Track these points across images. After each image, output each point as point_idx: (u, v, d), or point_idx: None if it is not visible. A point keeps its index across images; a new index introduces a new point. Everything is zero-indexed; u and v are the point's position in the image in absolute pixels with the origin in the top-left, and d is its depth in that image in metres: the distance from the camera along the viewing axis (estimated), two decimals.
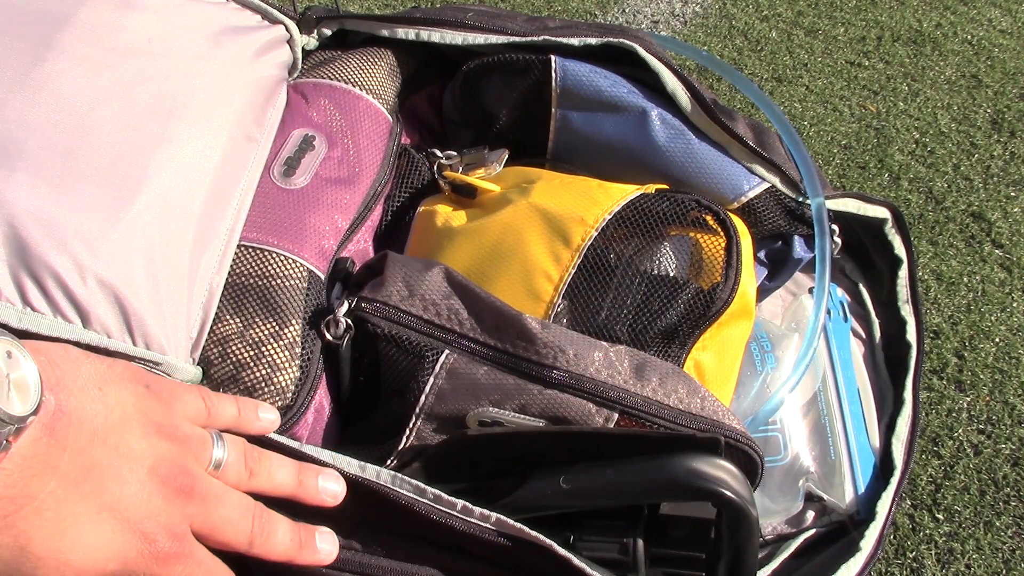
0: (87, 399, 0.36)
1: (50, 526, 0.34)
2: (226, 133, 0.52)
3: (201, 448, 0.40)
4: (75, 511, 0.34)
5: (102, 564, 0.35)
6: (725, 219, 0.56)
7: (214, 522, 0.39)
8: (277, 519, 0.42)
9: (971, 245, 1.00)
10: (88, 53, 0.50)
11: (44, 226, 0.43)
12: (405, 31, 0.63)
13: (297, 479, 0.44)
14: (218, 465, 0.41)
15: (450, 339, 0.49)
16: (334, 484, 0.45)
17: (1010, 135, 1.15)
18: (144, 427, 0.38)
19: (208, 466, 0.40)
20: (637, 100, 0.61)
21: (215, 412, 0.43)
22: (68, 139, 0.46)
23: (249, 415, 0.46)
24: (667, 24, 1.29)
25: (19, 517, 0.33)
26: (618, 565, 0.45)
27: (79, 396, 0.36)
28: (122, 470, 0.36)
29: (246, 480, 0.42)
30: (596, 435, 0.47)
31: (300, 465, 0.45)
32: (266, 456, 0.44)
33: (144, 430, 0.38)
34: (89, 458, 0.35)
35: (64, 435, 0.34)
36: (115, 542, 0.35)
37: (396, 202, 0.63)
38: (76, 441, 0.35)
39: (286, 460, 0.44)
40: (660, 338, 0.54)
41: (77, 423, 0.35)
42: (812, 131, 1.13)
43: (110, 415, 0.36)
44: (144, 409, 0.38)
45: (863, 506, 0.61)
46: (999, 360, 0.89)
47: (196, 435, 0.40)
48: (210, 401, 0.43)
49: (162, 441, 0.38)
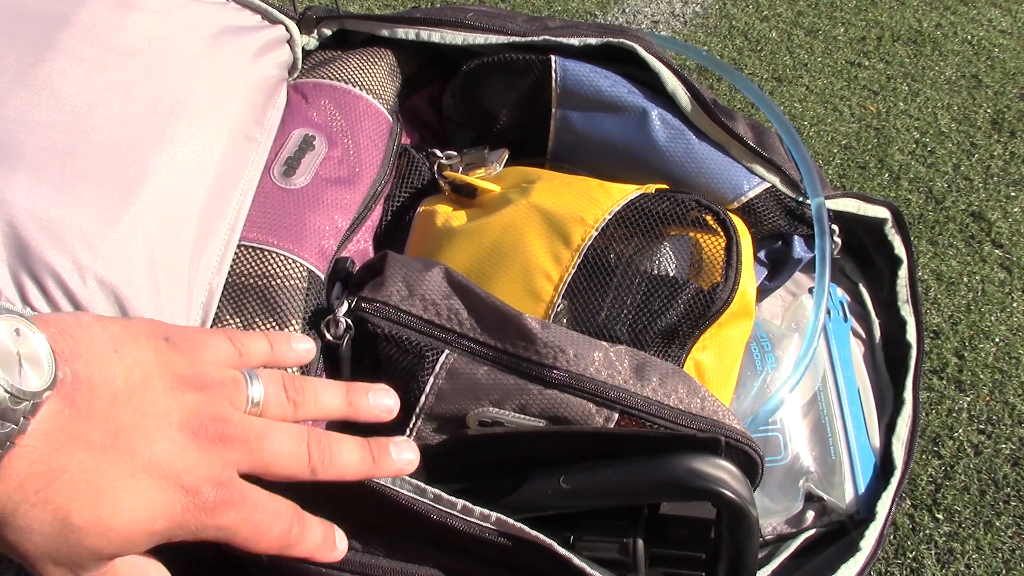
0: (104, 364, 0.35)
1: (85, 496, 0.33)
2: (226, 133, 0.52)
3: (235, 390, 0.39)
4: (108, 477, 0.34)
5: (148, 524, 0.35)
6: (725, 219, 0.56)
7: (264, 460, 0.38)
8: (339, 439, 0.40)
9: (971, 245, 1.00)
10: (88, 53, 0.50)
11: (44, 226, 0.43)
12: (405, 31, 0.63)
13: (346, 400, 0.42)
14: (257, 403, 0.39)
15: (450, 339, 0.49)
16: (386, 398, 0.44)
17: (1010, 135, 1.15)
18: (167, 382, 0.37)
19: (246, 406, 0.39)
20: (637, 100, 0.61)
21: (246, 352, 0.42)
22: (68, 139, 0.46)
23: (283, 348, 0.44)
24: (667, 24, 1.29)
25: (52, 491, 0.33)
26: (618, 565, 0.45)
27: (95, 362, 0.35)
28: (149, 429, 0.35)
29: (291, 412, 0.41)
30: (596, 435, 0.47)
31: (347, 385, 0.43)
32: (308, 383, 0.42)
33: (168, 385, 0.37)
34: (114, 423, 0.34)
35: (85, 404, 0.34)
36: (157, 501, 0.35)
37: (396, 202, 0.63)
38: (98, 408, 0.34)
39: (331, 383, 0.43)
40: (660, 338, 0.54)
41: (96, 389, 0.34)
42: (812, 131, 1.13)
43: (130, 376, 0.36)
44: (166, 363, 0.37)
45: (863, 506, 0.61)
46: (999, 360, 0.89)
47: (227, 378, 0.39)
48: (239, 342, 0.42)
49: (188, 393, 0.37)
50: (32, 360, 0.33)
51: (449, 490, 0.45)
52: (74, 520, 0.33)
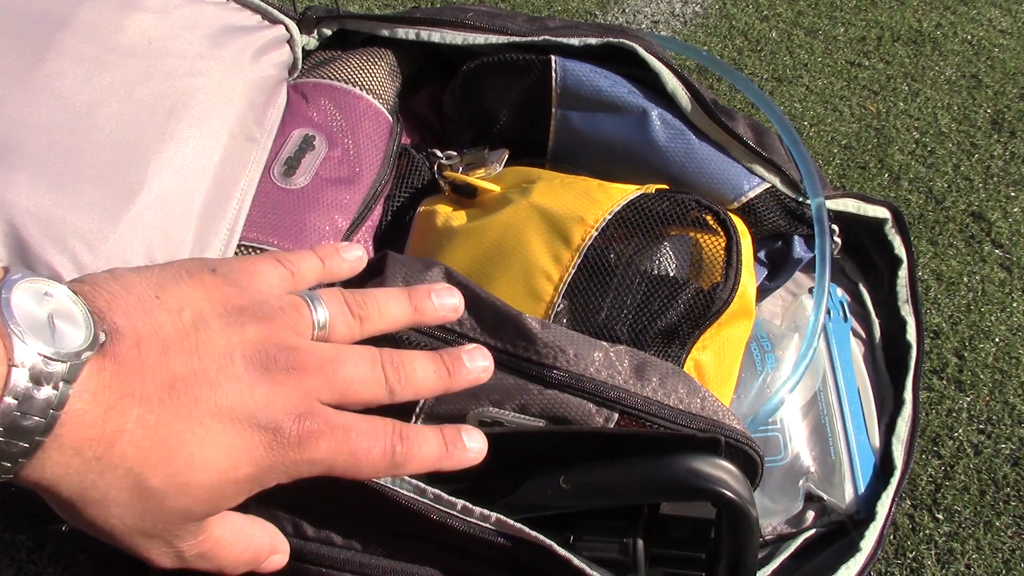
0: (146, 312, 0.32)
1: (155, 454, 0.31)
2: (226, 133, 0.53)
3: (297, 317, 0.36)
4: (174, 431, 0.31)
5: (231, 472, 0.32)
6: (725, 219, 0.56)
7: (342, 386, 0.35)
8: (411, 356, 0.38)
9: (971, 245, 1.00)
10: (88, 53, 0.50)
11: (44, 226, 0.43)
12: (405, 31, 0.63)
13: (411, 305, 0.40)
14: (323, 326, 0.37)
15: (450, 339, 0.49)
16: (450, 297, 0.42)
17: (1010, 135, 1.15)
18: (223, 318, 0.34)
19: (312, 332, 0.36)
20: (637, 100, 0.61)
21: (299, 272, 0.39)
22: (68, 139, 0.46)
23: (335, 260, 0.41)
24: (667, 24, 1.29)
25: (117, 455, 0.30)
26: (618, 565, 0.45)
27: (136, 312, 0.32)
28: (209, 372, 0.32)
29: (359, 329, 0.38)
30: (596, 435, 0.47)
31: (408, 290, 0.41)
32: (370, 296, 0.39)
33: (224, 321, 0.34)
34: (168, 372, 0.32)
35: (132, 357, 0.31)
36: (235, 446, 0.32)
37: (396, 202, 0.63)
38: (147, 359, 0.31)
39: (391, 291, 0.40)
40: (660, 338, 0.54)
41: (143, 341, 0.32)
42: (812, 131, 1.13)
43: (179, 320, 0.33)
44: (217, 299, 0.34)
45: (863, 506, 0.61)
46: (999, 360, 0.89)
47: (287, 304, 0.36)
48: (289, 263, 0.39)
49: (248, 326, 0.34)
50: (66, 317, 0.30)
51: (449, 490, 0.45)
52: (150, 482, 0.31)
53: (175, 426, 0.31)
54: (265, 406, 0.33)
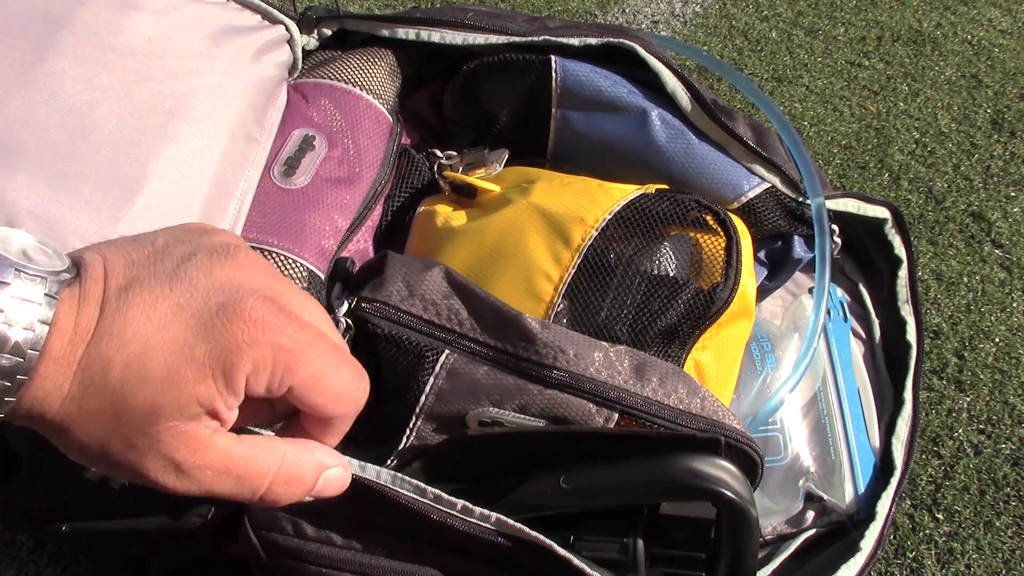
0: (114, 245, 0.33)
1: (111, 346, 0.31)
2: (226, 133, 0.53)
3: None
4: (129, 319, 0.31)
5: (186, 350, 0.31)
6: (725, 219, 0.56)
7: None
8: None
9: (971, 245, 1.00)
10: (88, 53, 0.50)
11: (44, 226, 0.43)
12: (405, 31, 0.63)
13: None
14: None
15: (450, 339, 0.49)
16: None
17: (1010, 135, 1.15)
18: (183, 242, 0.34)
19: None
20: (637, 100, 0.61)
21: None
22: (68, 139, 0.46)
23: None
24: (667, 24, 1.29)
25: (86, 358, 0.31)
26: (618, 565, 0.45)
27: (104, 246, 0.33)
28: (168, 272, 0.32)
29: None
30: (596, 435, 0.47)
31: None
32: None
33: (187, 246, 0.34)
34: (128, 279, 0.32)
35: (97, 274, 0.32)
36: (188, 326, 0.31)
37: (396, 202, 0.63)
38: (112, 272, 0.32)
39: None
40: (660, 338, 0.54)
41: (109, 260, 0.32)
42: (812, 131, 1.13)
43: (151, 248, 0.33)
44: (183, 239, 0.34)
45: (863, 506, 0.61)
46: (999, 360, 0.89)
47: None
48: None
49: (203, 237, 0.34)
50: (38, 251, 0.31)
51: (449, 490, 0.45)
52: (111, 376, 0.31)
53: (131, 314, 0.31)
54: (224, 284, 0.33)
